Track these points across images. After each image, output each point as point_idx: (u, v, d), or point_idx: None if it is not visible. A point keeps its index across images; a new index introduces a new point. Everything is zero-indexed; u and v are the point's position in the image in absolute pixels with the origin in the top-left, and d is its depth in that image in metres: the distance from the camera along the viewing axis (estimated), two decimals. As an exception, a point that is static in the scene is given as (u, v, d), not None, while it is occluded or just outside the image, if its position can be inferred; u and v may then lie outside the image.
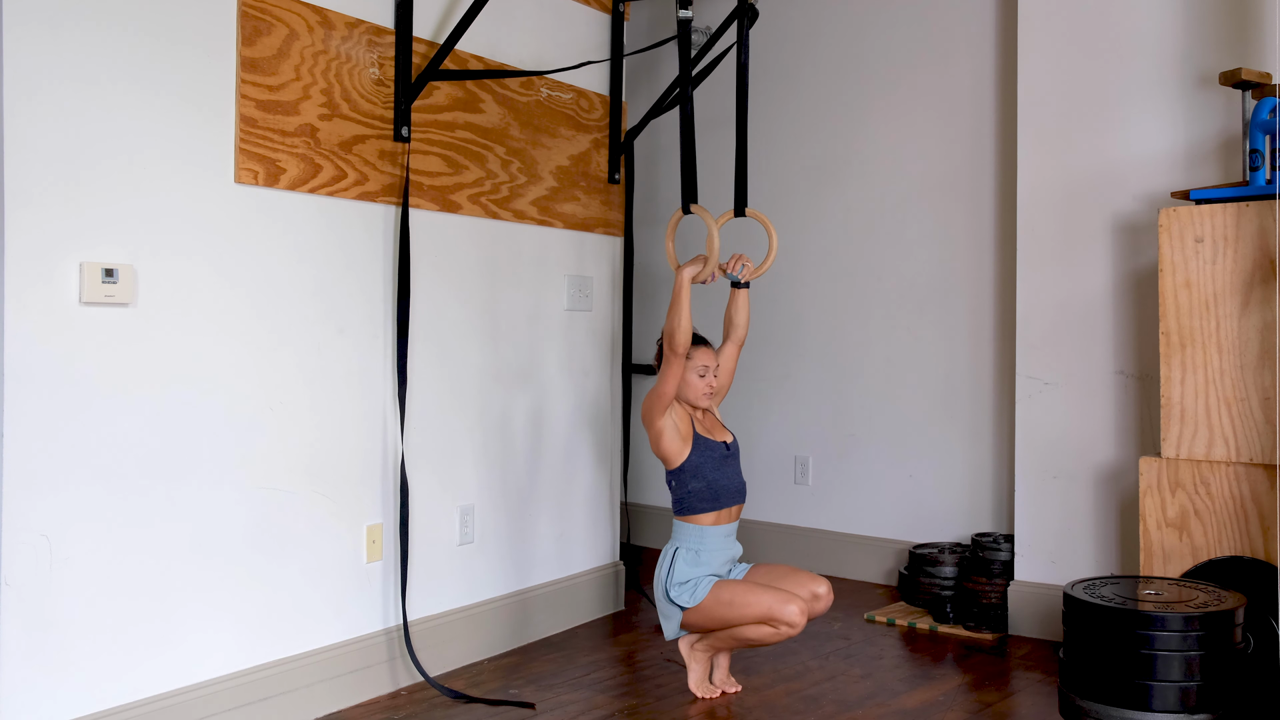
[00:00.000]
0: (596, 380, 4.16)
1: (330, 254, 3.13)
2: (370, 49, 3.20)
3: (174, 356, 2.73)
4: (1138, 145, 3.78)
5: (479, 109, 3.59)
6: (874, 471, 4.75)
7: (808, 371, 4.93)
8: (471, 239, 3.60)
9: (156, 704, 2.69)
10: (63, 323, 2.51)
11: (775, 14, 4.99)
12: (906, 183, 4.67)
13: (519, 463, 3.81)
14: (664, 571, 3.25)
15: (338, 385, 3.16)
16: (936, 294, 4.58)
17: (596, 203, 4.10)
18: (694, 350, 3.26)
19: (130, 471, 2.64)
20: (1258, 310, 3.15)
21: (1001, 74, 4.40)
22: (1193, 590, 2.78)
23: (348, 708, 3.15)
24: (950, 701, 3.29)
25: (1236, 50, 3.59)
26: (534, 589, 3.87)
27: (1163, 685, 2.56)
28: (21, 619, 2.45)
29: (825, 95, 4.89)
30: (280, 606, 3.01)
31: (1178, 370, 3.26)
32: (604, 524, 4.22)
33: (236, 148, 2.85)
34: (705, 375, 3.28)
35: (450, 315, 3.53)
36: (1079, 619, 2.69)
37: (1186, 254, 3.25)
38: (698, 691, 3.29)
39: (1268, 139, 3.22)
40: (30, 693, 2.46)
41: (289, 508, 3.03)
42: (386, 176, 3.27)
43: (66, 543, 2.52)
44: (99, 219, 2.57)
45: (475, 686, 3.36)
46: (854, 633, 3.99)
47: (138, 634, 2.67)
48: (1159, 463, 3.26)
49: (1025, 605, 3.97)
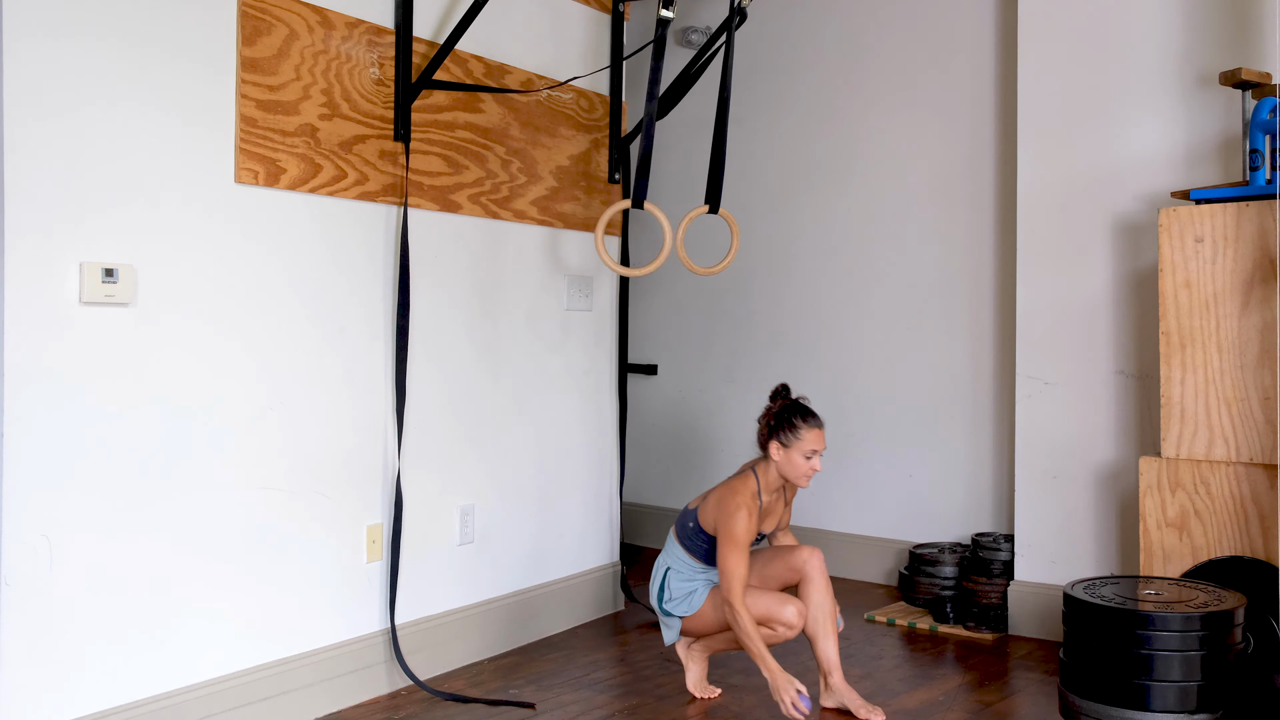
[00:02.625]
0: (596, 380, 4.16)
1: (331, 254, 3.13)
2: (370, 49, 3.20)
3: (174, 356, 2.73)
4: (1138, 145, 3.78)
5: (479, 109, 3.59)
6: (874, 471, 4.75)
7: (807, 371, 4.93)
8: (471, 239, 3.60)
9: (156, 704, 2.69)
10: (63, 323, 2.51)
11: (775, 14, 4.99)
12: (906, 183, 4.66)
13: (519, 463, 3.81)
14: (656, 587, 3.27)
15: (338, 385, 3.16)
16: (936, 294, 4.58)
17: (596, 203, 4.10)
18: (805, 429, 3.08)
19: (130, 471, 2.64)
20: (1258, 310, 3.15)
21: (1001, 74, 4.41)
22: (1193, 590, 2.78)
23: (348, 708, 3.15)
24: (950, 701, 3.29)
25: (1236, 50, 3.59)
26: (534, 589, 3.87)
27: (1163, 685, 2.56)
28: (21, 619, 2.44)
29: (826, 95, 4.89)
30: (280, 606, 3.01)
31: (1178, 370, 3.26)
32: (603, 524, 4.22)
33: (237, 148, 2.85)
34: (812, 458, 3.09)
35: (450, 314, 3.53)
36: (1079, 619, 2.69)
37: (1186, 254, 3.25)
38: (695, 691, 3.29)
39: (1268, 139, 3.22)
40: (30, 693, 2.46)
41: (289, 508, 3.03)
42: (387, 176, 3.27)
43: (66, 543, 2.52)
44: (99, 219, 2.57)
45: (475, 686, 3.36)
46: (854, 633, 3.99)
47: (137, 634, 2.67)
48: (1159, 463, 3.26)
49: (1025, 605, 3.97)
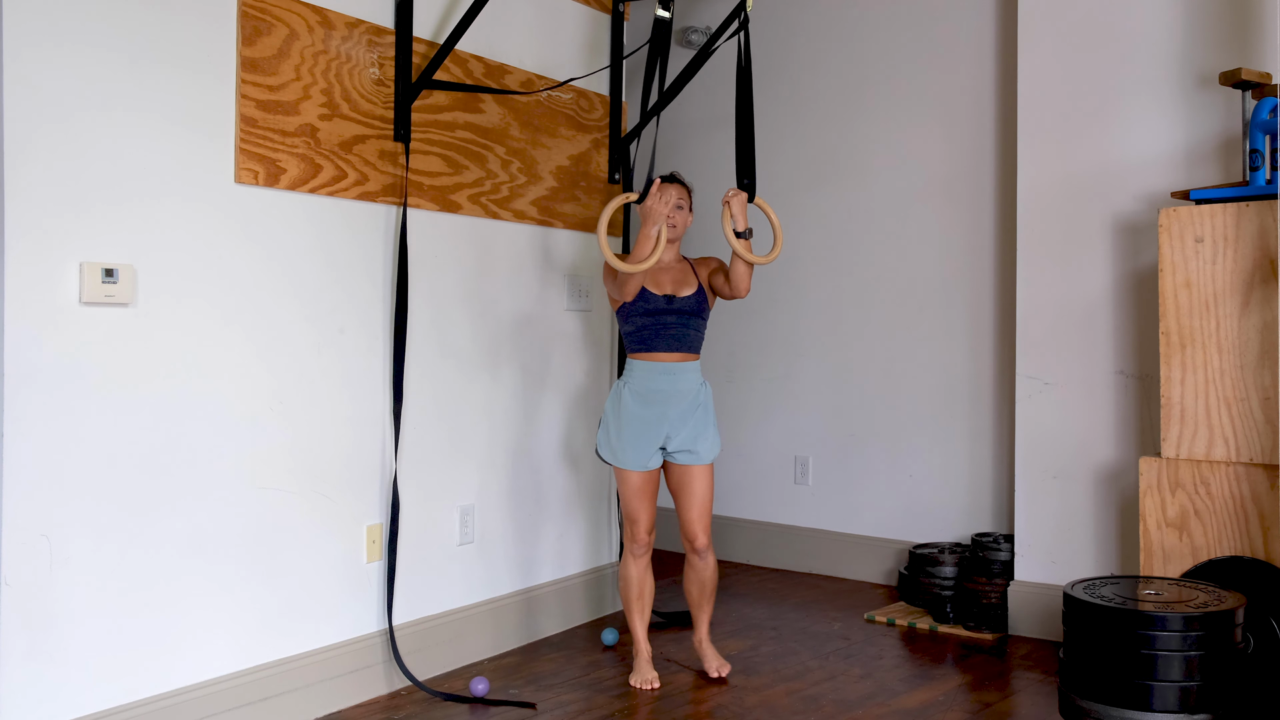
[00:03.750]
0: (596, 380, 4.16)
1: (330, 254, 3.13)
2: (370, 49, 3.20)
3: (174, 356, 2.73)
4: (1138, 145, 3.78)
5: (479, 109, 3.59)
6: (874, 471, 4.75)
7: (808, 371, 4.93)
8: (471, 239, 3.60)
9: (156, 704, 2.69)
10: (63, 323, 2.51)
11: (776, 14, 4.99)
12: (907, 182, 4.66)
13: (519, 463, 3.81)
14: None
15: (338, 385, 3.16)
16: (936, 294, 4.58)
17: (596, 203, 4.10)
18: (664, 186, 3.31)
19: (130, 471, 2.64)
20: (1258, 310, 3.15)
21: (1001, 74, 4.40)
22: (1193, 590, 2.78)
23: (348, 707, 3.15)
24: (950, 701, 3.29)
25: (1236, 50, 3.59)
26: (534, 589, 3.87)
27: (1163, 685, 2.56)
28: (22, 619, 2.44)
29: (826, 95, 4.89)
30: (280, 606, 3.01)
31: (1178, 370, 3.26)
32: (603, 524, 4.22)
33: (237, 148, 2.85)
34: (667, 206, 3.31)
35: (450, 314, 3.53)
36: (1079, 619, 2.69)
37: (1186, 254, 3.25)
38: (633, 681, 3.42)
39: (1268, 139, 3.22)
40: (30, 692, 2.46)
41: (289, 507, 3.03)
42: (386, 176, 3.27)
43: (66, 543, 2.52)
44: (99, 219, 2.57)
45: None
46: (854, 633, 3.99)
47: (138, 633, 2.67)
48: (1159, 463, 3.26)
49: (1025, 605, 3.97)
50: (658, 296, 3.36)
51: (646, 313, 3.35)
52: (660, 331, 3.36)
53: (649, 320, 3.36)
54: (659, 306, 3.35)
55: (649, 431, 3.35)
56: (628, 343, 3.42)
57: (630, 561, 3.44)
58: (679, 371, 3.36)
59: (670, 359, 3.36)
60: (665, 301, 3.36)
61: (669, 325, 3.36)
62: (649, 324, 3.36)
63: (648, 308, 3.35)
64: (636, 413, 3.35)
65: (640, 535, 3.41)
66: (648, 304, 3.35)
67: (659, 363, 3.36)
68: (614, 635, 3.79)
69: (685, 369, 3.38)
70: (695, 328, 3.40)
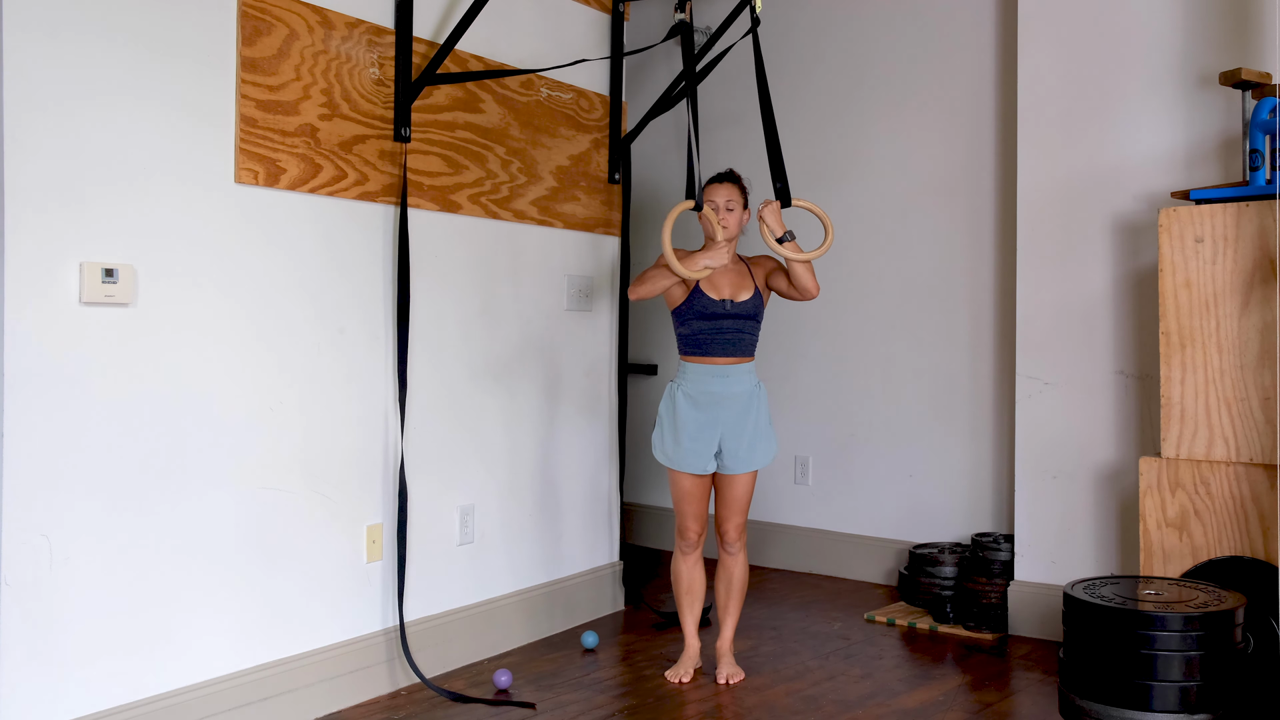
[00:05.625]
0: (595, 380, 4.16)
1: (331, 254, 3.13)
2: (370, 49, 3.20)
3: (174, 356, 2.73)
4: (1137, 145, 3.78)
5: (479, 109, 3.59)
6: (874, 471, 4.75)
7: (808, 371, 4.93)
8: (471, 239, 3.60)
9: (156, 704, 2.69)
10: (63, 323, 2.51)
11: (776, 15, 4.99)
12: (907, 183, 4.67)
13: (519, 462, 3.81)
14: None
15: (338, 385, 3.16)
16: (936, 294, 4.58)
17: (597, 203, 4.10)
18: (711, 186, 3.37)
19: (131, 471, 2.64)
20: (1258, 310, 3.15)
21: (1001, 74, 4.41)
22: (1193, 590, 2.78)
23: (348, 708, 3.15)
24: (950, 701, 3.29)
25: (1236, 50, 3.59)
26: (534, 588, 3.87)
27: (1163, 685, 2.56)
28: (22, 619, 2.44)
29: (826, 96, 4.89)
30: (281, 606, 3.01)
31: (1178, 370, 3.26)
32: (603, 524, 4.22)
33: (237, 148, 2.85)
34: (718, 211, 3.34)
35: (450, 315, 3.53)
36: (1079, 619, 2.69)
37: (1186, 254, 3.25)
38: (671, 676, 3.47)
39: (1268, 139, 3.21)
40: (30, 692, 2.46)
41: (289, 507, 3.03)
42: (386, 176, 3.27)
43: (66, 543, 2.52)
44: (99, 219, 2.57)
45: (476, 686, 3.36)
46: (854, 633, 3.99)
47: (138, 633, 2.67)
48: (1159, 463, 3.26)
49: (1025, 605, 3.97)
50: (715, 301, 3.32)
51: (703, 317, 3.32)
52: (716, 336, 3.33)
53: (705, 325, 3.33)
54: (716, 311, 3.32)
55: (703, 434, 3.33)
56: (681, 345, 3.40)
57: (680, 558, 3.47)
58: (732, 374, 3.34)
59: (724, 362, 3.34)
60: (722, 306, 3.32)
61: (725, 330, 3.33)
62: (705, 328, 3.33)
63: (705, 312, 3.32)
64: (690, 415, 3.33)
65: (689, 534, 3.43)
66: (705, 309, 3.32)
67: (712, 365, 3.34)
68: (594, 638, 3.77)
69: (739, 370, 3.35)
70: (750, 331, 3.37)
